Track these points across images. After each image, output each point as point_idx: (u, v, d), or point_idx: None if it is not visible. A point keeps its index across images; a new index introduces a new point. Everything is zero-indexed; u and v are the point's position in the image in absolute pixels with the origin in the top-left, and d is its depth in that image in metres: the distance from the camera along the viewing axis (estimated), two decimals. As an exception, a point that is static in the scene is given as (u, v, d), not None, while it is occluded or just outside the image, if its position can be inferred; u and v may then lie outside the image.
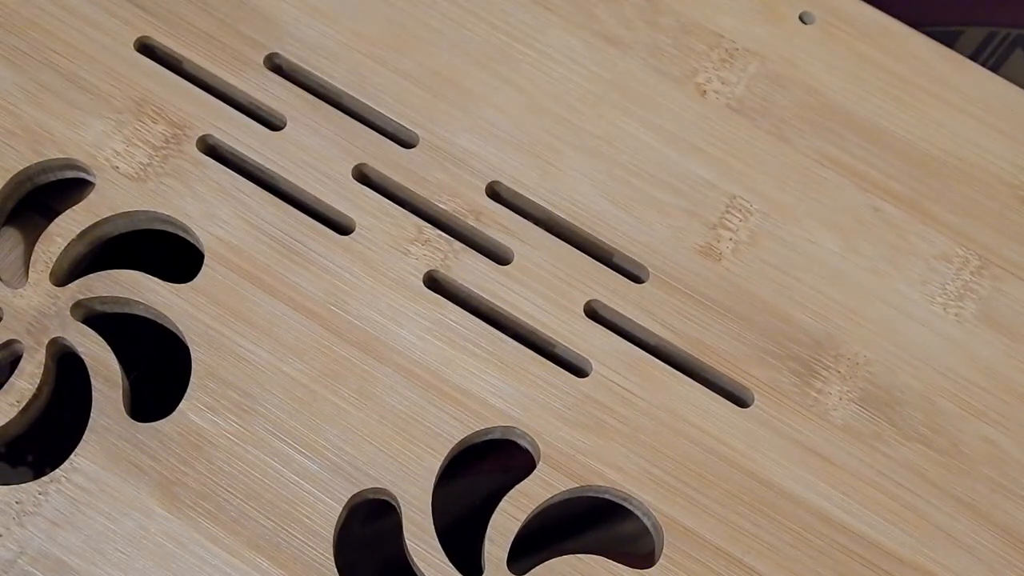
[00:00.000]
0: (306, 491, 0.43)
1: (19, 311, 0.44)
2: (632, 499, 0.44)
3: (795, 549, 0.44)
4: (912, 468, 0.46)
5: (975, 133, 0.50)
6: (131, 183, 0.46)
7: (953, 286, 0.48)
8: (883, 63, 0.51)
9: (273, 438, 0.44)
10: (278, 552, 0.42)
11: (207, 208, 0.46)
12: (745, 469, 0.45)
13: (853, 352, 0.47)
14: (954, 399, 0.46)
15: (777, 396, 0.46)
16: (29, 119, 0.46)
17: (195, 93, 0.48)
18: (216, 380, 0.44)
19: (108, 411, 0.44)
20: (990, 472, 0.46)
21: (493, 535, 0.43)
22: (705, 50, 0.50)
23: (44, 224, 0.46)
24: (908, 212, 0.49)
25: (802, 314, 0.47)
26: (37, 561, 0.42)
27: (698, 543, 0.44)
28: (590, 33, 0.50)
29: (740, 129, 0.49)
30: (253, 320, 0.45)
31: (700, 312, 0.47)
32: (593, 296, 0.47)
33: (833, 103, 0.50)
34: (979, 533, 0.45)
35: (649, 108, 0.49)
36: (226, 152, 0.47)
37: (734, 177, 0.49)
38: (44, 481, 0.43)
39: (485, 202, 0.47)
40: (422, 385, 0.45)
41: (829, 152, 0.49)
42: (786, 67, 0.50)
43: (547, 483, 0.44)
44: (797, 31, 0.51)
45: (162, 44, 0.48)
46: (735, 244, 0.48)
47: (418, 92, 0.48)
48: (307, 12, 0.49)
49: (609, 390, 0.45)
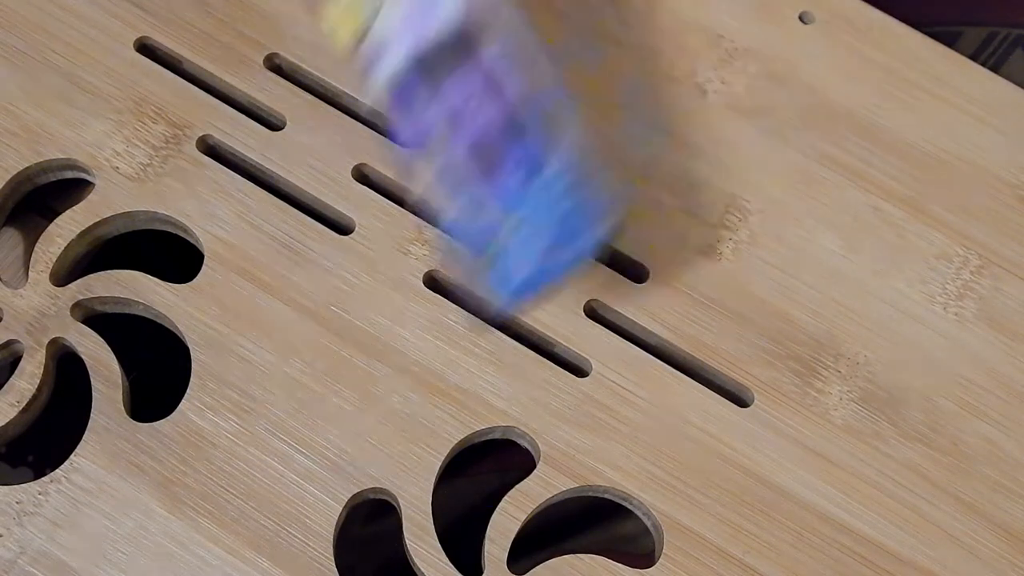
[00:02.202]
0: (306, 491, 0.43)
1: (19, 311, 0.44)
2: (632, 499, 0.44)
3: (795, 549, 0.44)
4: (912, 468, 0.46)
5: (975, 133, 0.50)
6: (131, 183, 0.46)
7: (953, 286, 0.48)
8: (883, 63, 0.51)
9: (273, 438, 0.44)
10: (278, 552, 0.42)
11: (207, 208, 0.46)
12: (745, 469, 0.45)
13: (853, 352, 0.47)
14: (954, 399, 0.46)
15: (777, 396, 0.46)
16: (29, 119, 0.46)
17: (195, 93, 0.48)
18: (216, 380, 0.44)
19: (108, 411, 0.44)
20: (990, 472, 0.46)
21: (493, 535, 0.43)
22: (705, 50, 0.50)
23: (44, 224, 0.46)
24: (908, 212, 0.49)
25: (802, 314, 0.47)
26: (37, 561, 0.42)
27: (698, 543, 0.44)
28: (590, 33, 0.50)
29: (740, 129, 0.49)
30: (253, 320, 0.45)
31: (700, 312, 0.47)
32: (593, 296, 0.47)
33: (833, 103, 0.50)
34: (979, 533, 0.45)
35: (649, 108, 0.49)
36: (226, 152, 0.47)
37: (734, 177, 0.49)
38: (44, 481, 0.43)
39: (485, 202, 0.47)
40: (422, 385, 0.45)
41: (829, 152, 0.49)
42: (786, 67, 0.50)
43: (547, 483, 0.44)
44: (797, 31, 0.51)
45: (162, 44, 0.48)
46: (735, 244, 0.48)
47: (418, 92, 0.48)
48: (307, 12, 0.49)
49: (609, 390, 0.45)
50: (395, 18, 0.39)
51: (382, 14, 0.40)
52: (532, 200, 0.39)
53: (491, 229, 0.39)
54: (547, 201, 0.39)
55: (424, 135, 0.39)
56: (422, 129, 0.39)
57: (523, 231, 0.39)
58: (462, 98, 0.38)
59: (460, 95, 0.38)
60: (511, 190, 0.39)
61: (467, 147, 0.39)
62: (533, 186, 0.39)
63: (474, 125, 0.38)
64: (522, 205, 0.39)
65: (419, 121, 0.39)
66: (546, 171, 0.39)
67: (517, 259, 0.39)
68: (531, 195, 0.39)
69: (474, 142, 0.38)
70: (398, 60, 0.39)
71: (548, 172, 0.39)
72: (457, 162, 0.39)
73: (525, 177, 0.39)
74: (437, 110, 0.39)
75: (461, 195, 0.40)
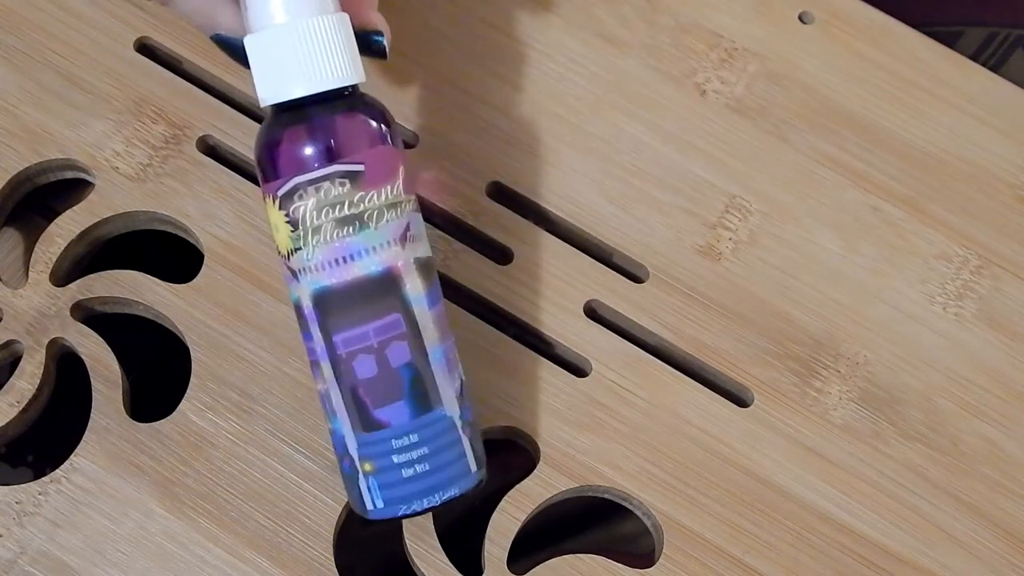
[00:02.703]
0: (306, 491, 0.43)
1: (19, 311, 0.44)
2: (632, 499, 0.44)
3: (795, 549, 0.44)
4: (912, 468, 0.46)
5: (975, 133, 0.50)
6: (131, 183, 0.46)
7: (953, 286, 0.48)
8: (883, 63, 0.51)
9: (273, 438, 0.44)
10: (278, 552, 0.42)
11: (207, 208, 0.46)
12: (745, 469, 0.45)
13: (853, 352, 0.47)
14: (954, 398, 0.46)
15: (777, 396, 0.46)
16: (29, 119, 0.46)
17: (195, 93, 0.48)
18: (216, 380, 0.44)
19: (108, 411, 0.44)
20: (990, 471, 0.46)
21: (493, 535, 0.43)
22: (704, 50, 0.50)
23: (44, 224, 0.46)
24: (908, 212, 0.49)
25: (802, 314, 0.47)
26: (37, 561, 0.42)
27: (698, 543, 0.44)
28: (590, 33, 0.50)
29: (740, 129, 0.49)
30: (253, 320, 0.45)
31: (700, 312, 0.47)
32: (593, 296, 0.47)
33: (833, 103, 0.50)
34: (979, 533, 0.45)
35: (649, 108, 0.49)
36: (226, 152, 0.47)
37: (734, 177, 0.49)
38: (44, 481, 0.43)
39: (485, 202, 0.47)
40: (422, 385, 0.45)
41: (829, 152, 0.49)
42: (786, 67, 0.50)
43: (547, 483, 0.44)
44: (797, 31, 0.51)
45: (162, 44, 0.48)
46: (735, 244, 0.48)
47: (418, 92, 0.48)
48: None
49: (609, 390, 0.45)
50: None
51: None
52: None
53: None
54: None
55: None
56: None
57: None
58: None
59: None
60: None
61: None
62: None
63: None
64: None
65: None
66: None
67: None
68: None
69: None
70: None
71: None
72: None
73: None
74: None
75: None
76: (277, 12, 0.38)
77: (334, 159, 0.38)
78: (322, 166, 0.38)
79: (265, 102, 0.38)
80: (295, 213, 0.38)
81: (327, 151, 0.38)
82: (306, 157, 0.38)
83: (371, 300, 0.38)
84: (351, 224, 0.38)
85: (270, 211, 0.39)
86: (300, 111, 0.38)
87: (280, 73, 0.38)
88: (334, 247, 0.38)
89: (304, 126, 0.38)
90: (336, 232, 0.38)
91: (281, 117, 0.38)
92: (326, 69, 0.38)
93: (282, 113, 0.38)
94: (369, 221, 0.38)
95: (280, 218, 0.38)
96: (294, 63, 0.38)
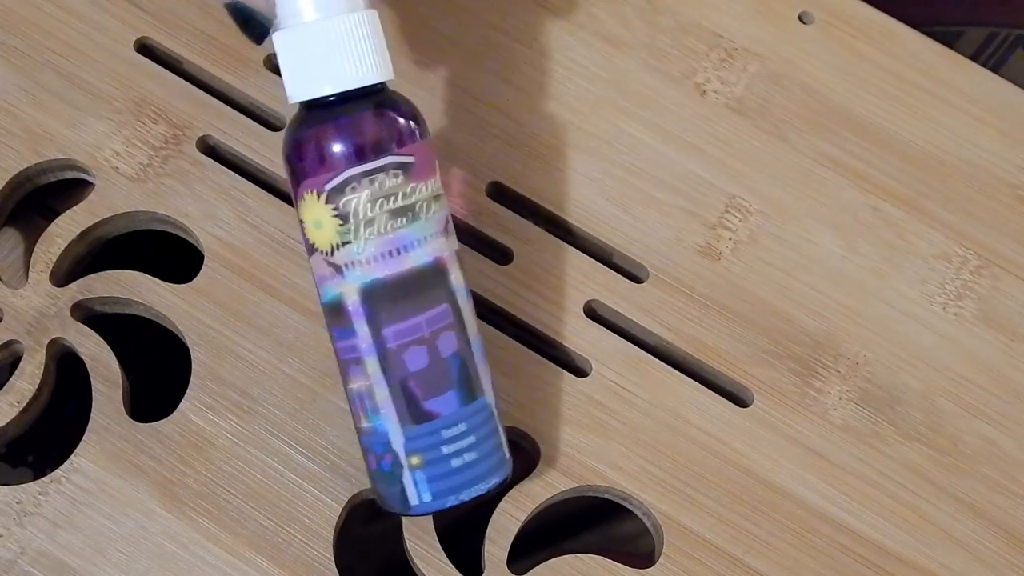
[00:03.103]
0: (306, 491, 0.43)
1: (19, 311, 0.44)
2: (632, 499, 0.44)
3: (795, 549, 0.44)
4: (912, 468, 0.46)
5: (975, 133, 0.50)
6: (131, 183, 0.46)
7: (952, 286, 0.48)
8: (883, 63, 0.51)
9: (273, 438, 0.44)
10: (278, 552, 0.42)
11: (207, 208, 0.46)
12: (745, 469, 0.45)
13: (853, 352, 0.47)
14: (954, 398, 0.46)
15: (777, 396, 0.46)
16: (29, 119, 0.46)
17: (195, 93, 0.48)
18: (216, 380, 0.44)
19: (108, 411, 0.44)
20: (990, 471, 0.46)
21: (493, 535, 0.43)
22: (704, 50, 0.50)
23: (44, 224, 0.46)
24: (908, 212, 0.49)
25: (802, 314, 0.47)
26: (37, 561, 0.42)
27: (698, 543, 0.44)
28: (590, 33, 0.50)
29: (740, 129, 0.49)
30: (253, 320, 0.45)
31: (700, 312, 0.47)
32: (593, 296, 0.47)
33: (833, 103, 0.50)
34: (979, 533, 0.45)
35: (649, 108, 0.49)
36: (226, 152, 0.47)
37: (734, 177, 0.49)
38: (44, 481, 0.43)
39: (485, 202, 0.47)
40: (422, 385, 0.45)
41: (829, 152, 0.49)
42: (786, 67, 0.50)
43: (547, 483, 0.44)
44: (797, 31, 0.51)
45: (162, 44, 0.48)
46: (735, 244, 0.48)
47: (417, 92, 0.48)
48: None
49: (609, 390, 0.45)
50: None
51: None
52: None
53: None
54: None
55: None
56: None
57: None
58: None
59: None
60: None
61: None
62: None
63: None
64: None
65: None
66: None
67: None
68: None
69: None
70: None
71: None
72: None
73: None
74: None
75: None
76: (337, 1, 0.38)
77: (387, 151, 0.38)
78: (377, 158, 0.38)
79: (311, 94, 0.38)
80: (346, 206, 0.38)
81: (379, 144, 0.38)
82: (359, 149, 0.38)
83: (422, 291, 0.39)
84: (404, 215, 0.38)
85: (311, 207, 0.38)
86: (342, 106, 0.38)
87: (328, 66, 0.38)
88: (388, 239, 0.38)
89: (352, 119, 0.38)
90: (390, 224, 0.38)
91: (317, 113, 0.38)
92: (376, 62, 0.38)
93: (317, 110, 0.38)
94: (420, 212, 0.38)
95: (326, 212, 0.38)
96: (345, 56, 0.38)
